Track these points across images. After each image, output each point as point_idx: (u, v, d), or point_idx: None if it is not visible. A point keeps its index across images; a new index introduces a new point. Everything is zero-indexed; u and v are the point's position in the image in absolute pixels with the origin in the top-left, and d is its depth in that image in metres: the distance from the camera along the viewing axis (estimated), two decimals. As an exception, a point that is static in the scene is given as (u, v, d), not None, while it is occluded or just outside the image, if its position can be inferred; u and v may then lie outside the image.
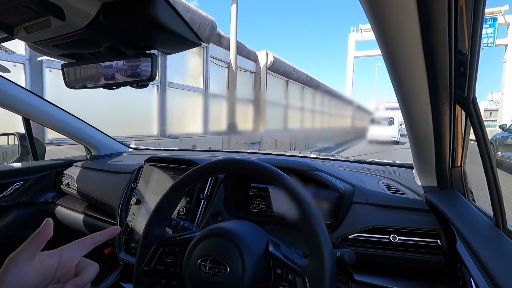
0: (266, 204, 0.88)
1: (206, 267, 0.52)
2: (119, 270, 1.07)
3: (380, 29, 0.41)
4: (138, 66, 0.59)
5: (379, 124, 11.96)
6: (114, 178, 1.20)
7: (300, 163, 0.88)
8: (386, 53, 0.46)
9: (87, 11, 0.49)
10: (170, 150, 1.68)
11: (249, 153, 1.43)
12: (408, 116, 0.61)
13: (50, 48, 0.61)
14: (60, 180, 1.39)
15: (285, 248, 0.56)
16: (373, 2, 0.37)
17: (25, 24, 0.54)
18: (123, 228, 1.02)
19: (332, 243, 0.52)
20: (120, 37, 0.57)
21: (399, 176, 0.97)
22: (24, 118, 1.32)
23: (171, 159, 1.05)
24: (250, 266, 0.51)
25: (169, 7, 0.51)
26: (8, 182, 1.23)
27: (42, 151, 1.46)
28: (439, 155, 0.69)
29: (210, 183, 0.95)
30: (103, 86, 0.65)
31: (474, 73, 0.48)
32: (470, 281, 0.48)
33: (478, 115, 0.53)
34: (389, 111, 13.41)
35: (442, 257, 0.67)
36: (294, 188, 0.55)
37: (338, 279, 0.76)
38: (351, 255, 0.56)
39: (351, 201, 0.79)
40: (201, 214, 0.92)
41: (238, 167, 0.61)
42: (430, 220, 0.71)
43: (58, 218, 1.35)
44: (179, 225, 0.67)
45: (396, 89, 0.55)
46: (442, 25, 0.40)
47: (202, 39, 0.59)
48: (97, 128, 1.50)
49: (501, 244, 0.51)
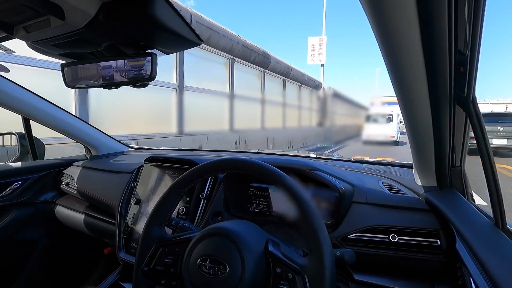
0: (266, 204, 0.88)
1: (206, 267, 0.53)
2: (119, 270, 1.07)
3: (380, 29, 0.41)
4: (138, 66, 0.59)
5: (375, 122, 10.18)
6: (114, 178, 1.20)
7: (300, 162, 0.88)
8: (386, 53, 0.46)
9: (87, 11, 0.49)
10: (170, 150, 1.68)
11: (249, 152, 1.43)
12: (408, 115, 0.61)
13: (50, 48, 0.61)
14: (60, 179, 1.39)
15: (284, 247, 0.56)
16: (373, 2, 0.37)
17: (24, 24, 0.54)
18: (122, 227, 1.02)
19: (332, 242, 0.52)
20: (120, 36, 0.57)
21: (398, 175, 0.97)
22: (23, 117, 1.31)
23: (171, 159, 1.05)
24: (250, 265, 0.51)
25: (169, 6, 0.51)
26: (7, 181, 1.22)
27: (41, 150, 1.46)
28: (439, 155, 0.69)
29: (210, 182, 0.95)
30: (102, 86, 0.64)
31: (474, 73, 0.48)
32: (469, 280, 0.49)
33: (478, 115, 0.53)
34: (386, 106, 11.61)
35: (441, 257, 0.67)
36: (293, 188, 0.55)
37: (338, 278, 0.76)
38: (350, 255, 0.56)
39: (350, 201, 0.79)
40: (201, 214, 0.92)
41: (238, 167, 0.61)
42: (429, 219, 0.71)
43: (58, 218, 1.34)
44: (179, 225, 0.67)
45: (396, 89, 0.55)
46: (442, 25, 0.40)
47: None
48: (97, 128, 1.50)
49: (501, 244, 0.51)
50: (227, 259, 0.52)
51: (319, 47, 14.17)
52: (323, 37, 14.41)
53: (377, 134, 10.05)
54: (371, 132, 10.08)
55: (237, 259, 0.52)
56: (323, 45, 14.14)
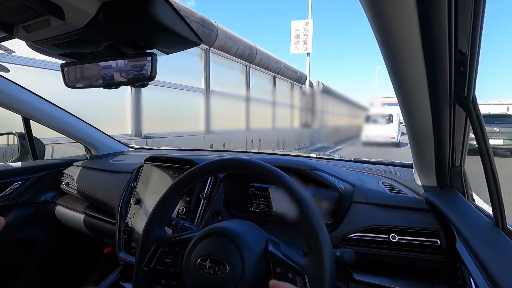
0: (266, 204, 0.88)
1: (206, 267, 0.53)
2: (119, 269, 1.07)
3: (380, 29, 0.41)
4: (137, 66, 0.59)
5: (375, 123, 9.77)
6: (114, 178, 1.20)
7: (300, 162, 0.88)
8: (386, 52, 0.46)
9: (87, 11, 0.49)
10: (170, 149, 1.68)
11: (249, 152, 1.43)
12: (408, 115, 0.61)
13: (50, 48, 0.61)
14: (60, 179, 1.39)
15: (284, 247, 0.56)
16: (373, 2, 0.37)
17: (24, 24, 0.54)
18: (122, 227, 1.02)
19: (332, 242, 0.52)
20: (120, 36, 0.57)
21: (399, 175, 0.97)
22: (23, 117, 1.31)
23: (171, 159, 1.05)
24: (250, 265, 0.51)
25: (169, 6, 0.51)
26: (7, 181, 1.22)
27: (41, 150, 1.46)
28: (439, 155, 0.69)
29: (210, 182, 0.95)
30: (102, 86, 0.64)
31: (474, 73, 0.48)
32: (469, 280, 0.49)
33: (478, 114, 0.53)
34: (386, 107, 11.03)
35: (442, 257, 0.67)
36: (293, 188, 0.55)
37: (338, 278, 0.76)
38: (350, 255, 0.56)
39: (351, 201, 0.79)
40: (201, 214, 0.92)
41: (238, 167, 0.61)
42: (430, 219, 0.71)
43: (58, 218, 1.35)
44: (179, 225, 0.67)
45: (396, 89, 0.55)
46: (442, 24, 0.40)
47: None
48: (97, 128, 1.50)
49: (501, 243, 0.51)
50: (227, 259, 0.52)
51: (304, 33, 11.47)
52: (309, 21, 11.61)
53: (376, 135, 9.68)
54: (370, 133, 9.71)
55: (237, 259, 0.52)
56: (309, 30, 11.42)
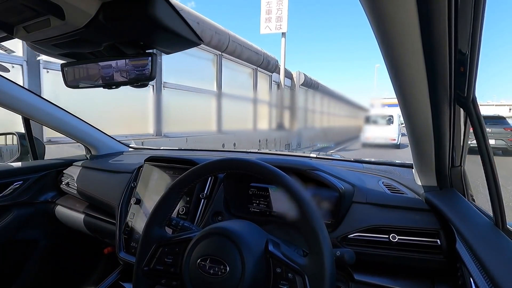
0: (266, 204, 0.88)
1: (206, 267, 0.53)
2: (119, 269, 1.07)
3: (380, 29, 0.41)
4: (138, 66, 0.59)
5: (375, 124, 9.56)
6: (114, 178, 1.20)
7: (300, 162, 0.88)
8: (386, 53, 0.46)
9: (87, 11, 0.49)
10: (170, 149, 1.68)
11: (249, 152, 1.43)
12: (408, 115, 0.61)
13: (50, 48, 0.61)
14: (60, 179, 1.39)
15: (285, 247, 0.56)
16: (373, 2, 0.37)
17: (24, 24, 0.54)
18: (123, 227, 1.02)
19: (332, 242, 0.53)
20: (120, 36, 0.57)
21: (399, 175, 0.97)
22: (23, 117, 1.31)
23: (171, 159, 1.05)
24: (250, 265, 0.52)
25: (169, 6, 0.51)
26: (7, 181, 1.22)
27: (41, 150, 1.46)
28: (439, 155, 0.69)
29: (210, 182, 0.95)
30: (102, 86, 0.64)
31: (474, 73, 0.48)
32: (469, 280, 0.49)
33: (478, 114, 0.53)
34: (386, 107, 10.71)
35: (442, 257, 0.67)
36: (293, 188, 0.55)
37: (338, 278, 0.76)
38: (351, 255, 0.56)
39: (351, 201, 0.79)
40: (201, 214, 0.92)
41: (238, 167, 0.61)
42: (430, 219, 0.71)
43: (58, 218, 1.35)
44: (179, 225, 0.67)
45: (396, 89, 0.55)
46: (442, 25, 0.40)
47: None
48: (97, 128, 1.50)
49: (501, 243, 0.51)
50: (227, 259, 0.52)
51: (277, 7, 8.96)
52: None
53: (376, 137, 9.38)
54: (370, 134, 9.46)
55: (237, 259, 0.52)
56: (284, 4, 8.94)
